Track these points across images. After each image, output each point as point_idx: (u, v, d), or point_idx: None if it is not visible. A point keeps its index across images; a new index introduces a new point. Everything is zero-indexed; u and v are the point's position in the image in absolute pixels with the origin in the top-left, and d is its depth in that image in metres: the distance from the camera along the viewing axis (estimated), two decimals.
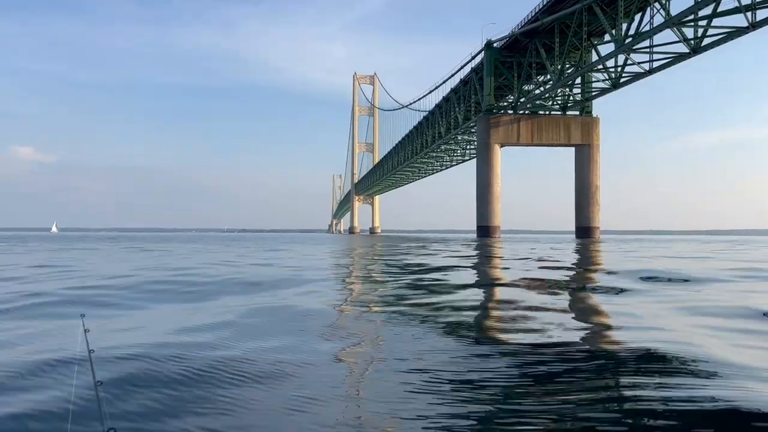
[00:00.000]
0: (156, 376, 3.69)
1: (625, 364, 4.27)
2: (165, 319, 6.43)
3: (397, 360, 4.30)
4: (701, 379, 3.76)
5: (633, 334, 5.36)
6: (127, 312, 7.07)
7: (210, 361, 4.07)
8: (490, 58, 71.69)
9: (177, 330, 5.39)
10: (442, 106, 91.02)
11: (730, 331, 5.58)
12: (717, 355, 4.38)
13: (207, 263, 16.99)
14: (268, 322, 6.06)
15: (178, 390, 3.46)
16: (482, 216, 72.68)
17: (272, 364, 4.11)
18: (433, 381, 3.72)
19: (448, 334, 5.40)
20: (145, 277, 11.57)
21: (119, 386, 3.45)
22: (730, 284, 10.70)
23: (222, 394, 3.41)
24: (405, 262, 17.51)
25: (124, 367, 3.85)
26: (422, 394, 3.43)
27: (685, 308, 7.26)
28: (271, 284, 10.42)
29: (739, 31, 46.21)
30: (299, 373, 3.90)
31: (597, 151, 73.15)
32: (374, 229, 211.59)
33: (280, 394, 3.45)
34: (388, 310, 7.08)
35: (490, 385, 3.66)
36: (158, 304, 7.74)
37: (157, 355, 4.16)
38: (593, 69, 63.10)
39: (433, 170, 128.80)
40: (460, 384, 3.67)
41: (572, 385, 3.69)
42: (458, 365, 4.16)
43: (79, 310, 5.78)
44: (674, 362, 4.24)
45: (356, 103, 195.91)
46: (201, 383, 3.61)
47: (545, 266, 16.31)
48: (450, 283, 10.93)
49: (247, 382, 3.68)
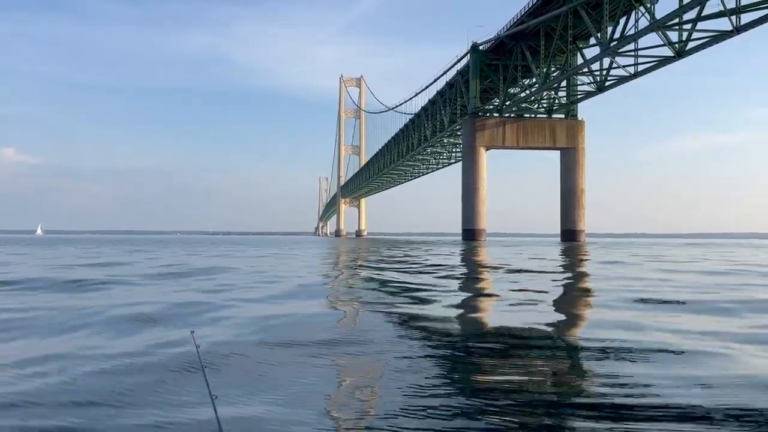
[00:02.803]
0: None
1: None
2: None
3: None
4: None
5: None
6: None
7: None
8: (475, 61, 71.44)
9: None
10: (428, 108, 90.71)
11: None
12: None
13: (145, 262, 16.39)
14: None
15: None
16: (468, 219, 72.34)
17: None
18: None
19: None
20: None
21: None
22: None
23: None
24: (371, 276, 14.83)
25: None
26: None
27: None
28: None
29: (723, 35, 46.29)
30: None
31: (582, 154, 73.10)
32: (360, 232, 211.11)
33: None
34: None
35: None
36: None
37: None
38: (578, 72, 63.06)
39: (420, 173, 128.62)
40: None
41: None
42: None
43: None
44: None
45: (342, 105, 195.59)
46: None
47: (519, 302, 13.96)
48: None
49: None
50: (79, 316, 7.18)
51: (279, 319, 6.89)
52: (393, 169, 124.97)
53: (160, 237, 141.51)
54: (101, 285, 11.39)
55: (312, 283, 12.34)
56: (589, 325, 7.05)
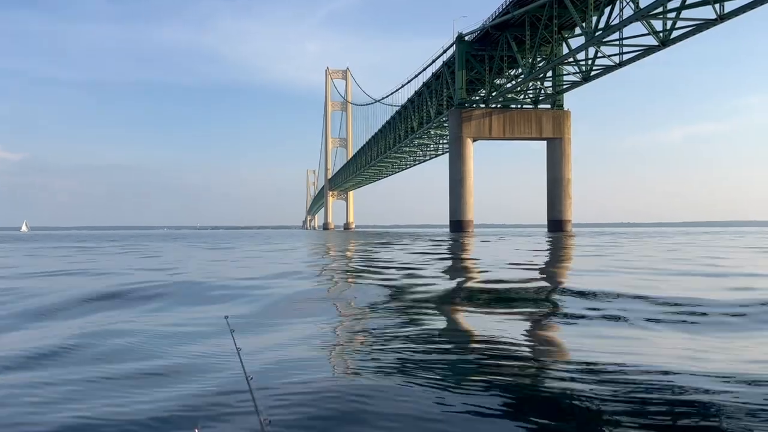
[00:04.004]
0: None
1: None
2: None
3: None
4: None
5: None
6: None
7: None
8: (461, 52, 71.20)
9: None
10: (415, 100, 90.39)
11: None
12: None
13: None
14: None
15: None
16: (455, 210, 72.30)
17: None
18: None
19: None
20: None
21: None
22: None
23: None
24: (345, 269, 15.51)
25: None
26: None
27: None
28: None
29: (707, 23, 46.34)
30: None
31: (568, 144, 73.15)
32: (348, 224, 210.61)
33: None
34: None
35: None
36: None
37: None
38: (564, 62, 62.99)
39: (407, 165, 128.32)
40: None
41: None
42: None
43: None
44: None
45: (329, 98, 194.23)
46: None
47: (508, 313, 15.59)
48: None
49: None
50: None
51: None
52: (380, 161, 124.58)
53: (147, 232, 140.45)
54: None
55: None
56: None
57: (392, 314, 6.70)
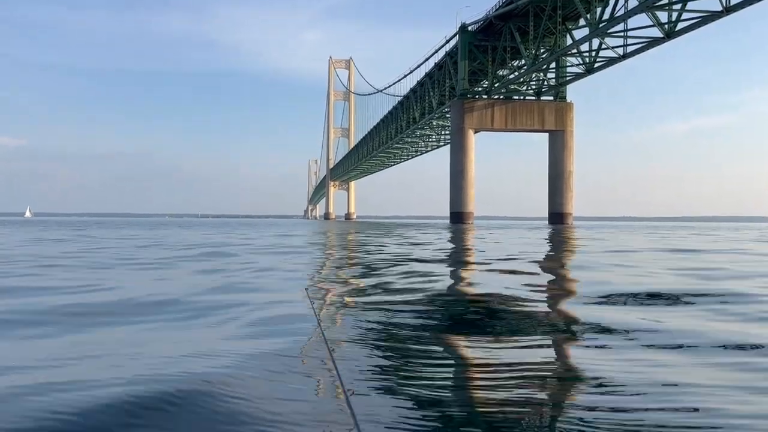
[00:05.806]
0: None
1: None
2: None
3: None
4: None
5: None
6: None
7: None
8: (464, 42, 70.65)
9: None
10: (417, 90, 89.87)
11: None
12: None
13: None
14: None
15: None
16: (456, 202, 71.99)
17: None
18: None
19: None
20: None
21: None
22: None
23: None
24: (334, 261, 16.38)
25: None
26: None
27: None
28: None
29: (713, 15, 45.84)
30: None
31: (571, 136, 72.68)
32: (350, 215, 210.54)
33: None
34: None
35: None
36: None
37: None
38: (567, 53, 62.51)
39: (409, 156, 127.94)
40: None
41: None
42: None
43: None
44: None
45: (331, 87, 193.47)
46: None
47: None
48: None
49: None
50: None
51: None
52: (382, 151, 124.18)
53: (151, 219, 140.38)
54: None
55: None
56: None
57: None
